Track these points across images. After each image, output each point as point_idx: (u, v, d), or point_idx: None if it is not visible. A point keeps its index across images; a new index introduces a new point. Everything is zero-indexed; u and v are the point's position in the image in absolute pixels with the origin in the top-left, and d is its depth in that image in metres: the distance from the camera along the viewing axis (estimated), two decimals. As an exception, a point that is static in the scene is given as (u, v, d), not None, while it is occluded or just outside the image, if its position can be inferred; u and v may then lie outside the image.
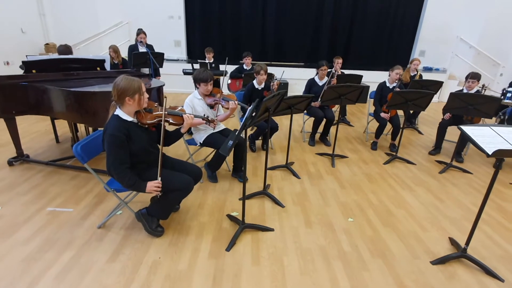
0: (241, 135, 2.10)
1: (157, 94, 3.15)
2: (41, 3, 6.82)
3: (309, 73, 6.75)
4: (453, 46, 7.47)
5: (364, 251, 2.25)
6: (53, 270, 1.94)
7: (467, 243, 2.13)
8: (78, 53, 6.99)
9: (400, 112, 4.57)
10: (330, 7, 7.61)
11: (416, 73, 5.37)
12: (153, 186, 2.00)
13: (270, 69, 5.10)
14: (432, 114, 6.39)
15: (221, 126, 3.14)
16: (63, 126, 4.47)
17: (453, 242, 2.35)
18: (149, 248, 2.17)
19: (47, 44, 7.08)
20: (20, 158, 3.37)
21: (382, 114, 4.11)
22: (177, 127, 2.25)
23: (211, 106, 2.90)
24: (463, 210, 2.87)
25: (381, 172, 3.58)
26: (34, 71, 3.17)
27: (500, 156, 1.69)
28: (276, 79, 4.25)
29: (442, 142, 4.19)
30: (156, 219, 2.27)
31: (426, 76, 6.57)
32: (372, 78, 6.96)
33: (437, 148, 4.21)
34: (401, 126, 3.89)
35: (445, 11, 7.40)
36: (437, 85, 4.79)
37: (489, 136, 1.82)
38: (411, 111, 5.33)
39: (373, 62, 7.98)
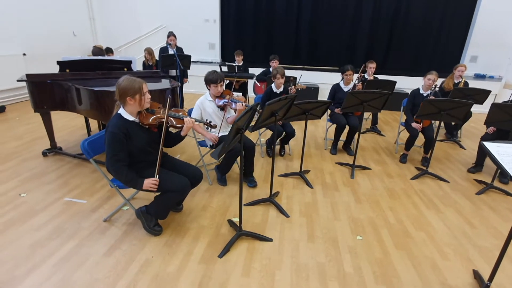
0: (236, 141, 2.04)
1: (173, 96, 3.21)
2: (91, 8, 7.45)
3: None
4: (510, 52, 6.62)
5: (367, 275, 2.04)
6: (54, 258, 2.05)
7: (491, 279, 1.82)
8: (120, 54, 7.50)
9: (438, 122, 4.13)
10: (369, 9, 7.21)
11: (460, 80, 4.83)
12: (150, 183, 2.03)
13: (300, 73, 4.95)
14: (479, 127, 5.71)
15: (232, 129, 3.10)
16: (96, 122, 4.79)
17: (476, 275, 2.03)
18: (144, 246, 2.20)
19: (95, 46, 7.71)
20: (53, 149, 3.66)
21: (414, 124, 3.75)
22: (178, 129, 2.26)
23: (221, 108, 2.88)
24: (498, 239, 2.48)
25: (406, 188, 3.26)
26: (67, 70, 3.43)
27: (529, 181, 1.41)
28: (297, 83, 4.13)
29: (484, 159, 3.71)
30: (154, 217, 2.29)
31: (478, 84, 5.93)
32: (415, 85, 6.44)
33: (477, 166, 3.73)
34: (435, 138, 3.51)
35: (501, 13, 6.58)
36: (484, 94, 4.25)
37: (519, 156, 1.53)
38: (453, 123, 4.82)
39: (416, 68, 7.38)
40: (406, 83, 6.56)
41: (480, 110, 5.76)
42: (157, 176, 2.07)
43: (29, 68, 5.62)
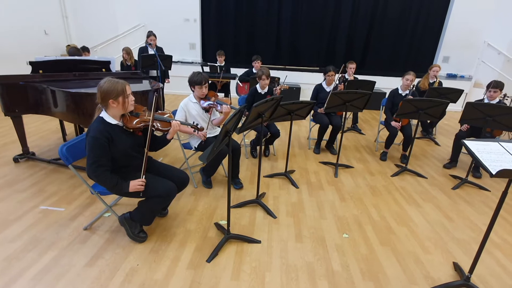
0: (224, 143, 2.01)
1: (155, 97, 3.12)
2: (64, 6, 7.11)
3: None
4: (480, 52, 7.00)
5: (355, 272, 2.08)
6: (32, 271, 1.93)
7: (471, 271, 1.91)
8: (96, 54, 7.22)
9: (416, 121, 4.30)
10: (348, 11, 7.38)
11: (435, 80, 5.04)
12: (137, 184, 1.97)
13: (283, 73, 4.98)
14: (453, 124, 6.00)
15: (216, 130, 3.06)
16: (71, 125, 4.58)
17: (457, 267, 2.12)
18: (129, 254, 2.12)
19: (68, 45, 7.37)
20: (26, 155, 3.46)
21: (393, 123, 3.87)
22: (164, 133, 2.21)
23: (206, 110, 2.83)
24: (474, 231, 2.61)
25: (387, 185, 3.36)
26: (41, 71, 3.26)
27: (505, 177, 1.49)
28: (281, 83, 4.15)
29: (458, 155, 3.89)
30: (139, 224, 2.22)
31: (450, 83, 6.22)
32: (391, 85, 6.66)
33: (453, 162, 3.91)
34: (413, 136, 3.64)
35: (472, 15, 6.95)
36: (457, 93, 4.46)
37: (496, 153, 1.61)
38: (428, 121, 5.02)
39: (392, 68, 7.64)
40: (383, 83, 6.77)
41: (453, 108, 6.06)
42: (143, 176, 2.00)
43: (-4, 69, 5.27)
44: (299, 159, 3.93)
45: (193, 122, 2.33)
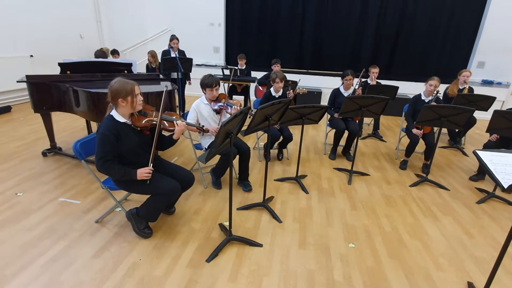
0: (226, 145, 2.03)
1: (170, 99, 3.23)
2: (99, 11, 7.57)
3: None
4: (519, 57, 6.49)
5: (357, 284, 1.99)
6: (43, 259, 2.05)
7: (484, 293, 1.76)
8: (124, 57, 7.59)
9: (443, 130, 4.05)
10: (375, 13, 7.16)
11: (465, 86, 4.74)
12: (144, 172, 2.04)
13: (303, 77, 4.91)
14: (484, 134, 5.57)
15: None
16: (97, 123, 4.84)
17: (471, 288, 1.97)
18: (133, 248, 2.19)
19: (101, 48, 7.82)
20: (53, 150, 3.71)
21: (414, 130, 3.68)
22: (170, 133, 2.27)
23: (217, 112, 2.87)
24: (496, 250, 2.40)
25: (404, 195, 3.19)
26: (68, 72, 3.48)
27: (519, 192, 1.36)
28: (298, 87, 4.12)
29: (487, 167, 3.61)
30: (144, 220, 2.28)
31: (485, 90, 5.83)
32: (419, 91, 6.35)
33: (480, 174, 3.63)
34: (435, 144, 3.43)
35: (509, 18, 6.46)
36: (488, 100, 4.16)
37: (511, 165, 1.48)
38: (456, 129, 4.72)
39: (422, 73, 7.26)
40: (411, 89, 6.48)
41: (485, 117, 5.63)
42: (151, 165, 2.07)
43: (34, 70, 5.71)
44: (313, 164, 3.86)
45: (199, 124, 2.37)
